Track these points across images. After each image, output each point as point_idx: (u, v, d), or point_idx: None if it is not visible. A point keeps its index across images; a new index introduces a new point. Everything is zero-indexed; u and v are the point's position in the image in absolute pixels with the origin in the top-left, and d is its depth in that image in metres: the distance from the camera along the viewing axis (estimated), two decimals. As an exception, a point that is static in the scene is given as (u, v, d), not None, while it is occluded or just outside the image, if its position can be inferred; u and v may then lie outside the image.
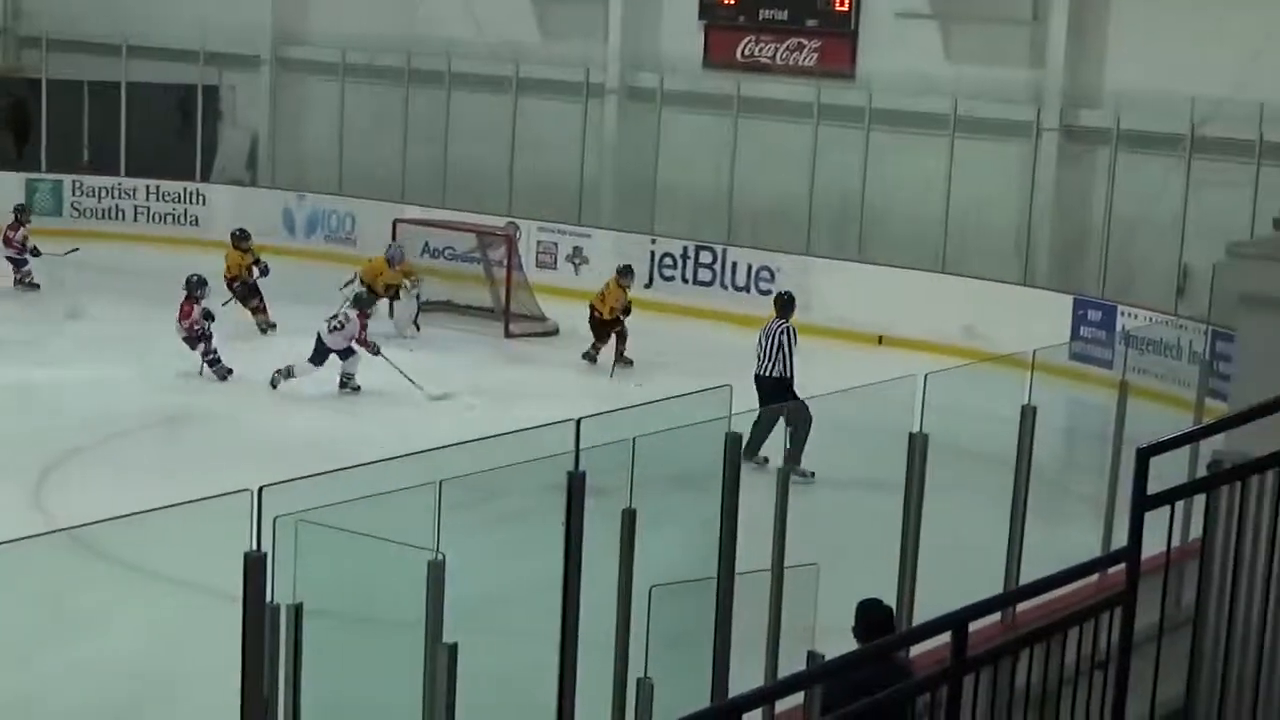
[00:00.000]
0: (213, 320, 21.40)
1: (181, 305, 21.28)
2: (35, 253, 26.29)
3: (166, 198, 30.34)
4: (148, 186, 30.32)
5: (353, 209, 29.50)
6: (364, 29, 30.16)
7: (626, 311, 22.99)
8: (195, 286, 21.48)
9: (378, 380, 21.41)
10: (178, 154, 30.32)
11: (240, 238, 24.63)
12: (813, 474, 17.04)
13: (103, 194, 30.31)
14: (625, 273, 23.49)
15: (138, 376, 20.80)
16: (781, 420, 16.79)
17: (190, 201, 30.37)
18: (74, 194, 30.32)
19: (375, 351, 20.95)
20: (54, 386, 20.23)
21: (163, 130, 30.37)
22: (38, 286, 26.20)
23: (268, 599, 7.06)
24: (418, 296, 24.34)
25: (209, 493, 7.16)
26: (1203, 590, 6.57)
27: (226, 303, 23.02)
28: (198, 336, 21.22)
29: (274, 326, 23.97)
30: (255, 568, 6.93)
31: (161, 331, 21.53)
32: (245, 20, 31.13)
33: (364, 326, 21.09)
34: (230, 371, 21.16)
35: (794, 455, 17.10)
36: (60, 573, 13.69)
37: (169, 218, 30.32)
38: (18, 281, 26.24)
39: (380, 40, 29.96)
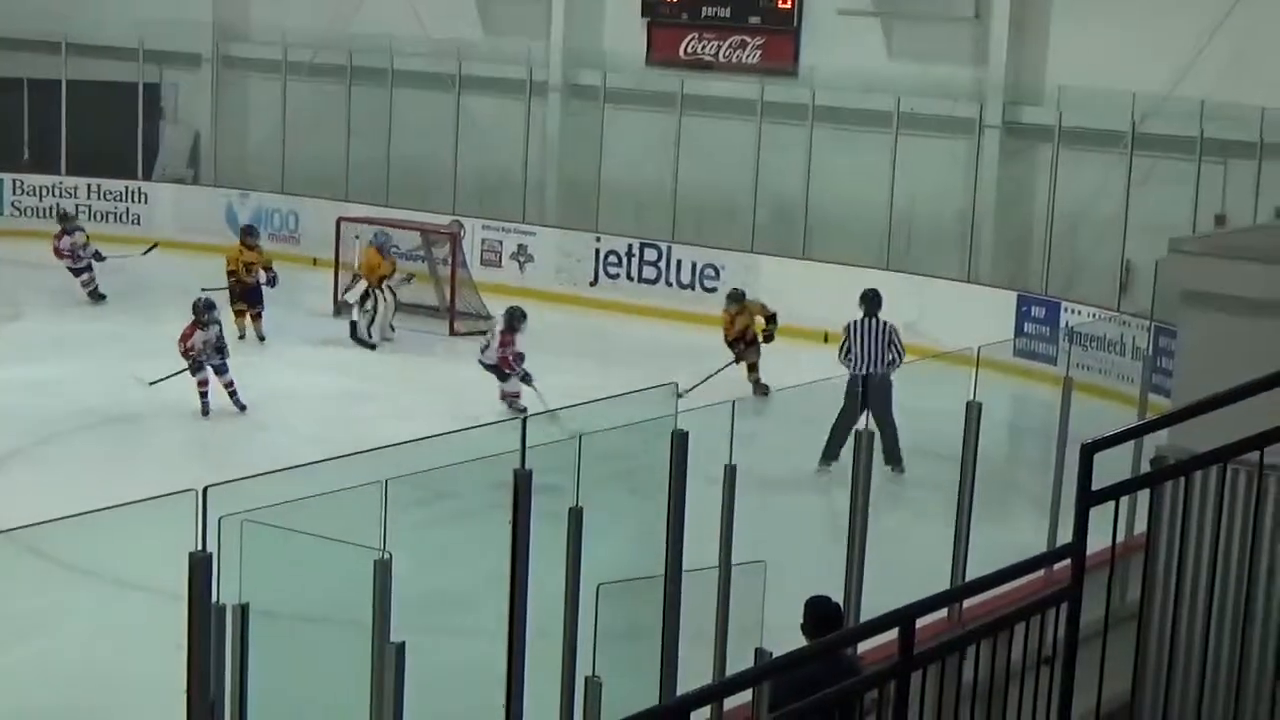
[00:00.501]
0: (225, 355, 19.67)
1: (185, 327, 19.51)
2: (98, 257, 25.10)
3: (108, 196, 30.17)
4: (89, 185, 30.14)
5: (296, 207, 29.39)
6: (306, 26, 30.04)
7: (756, 337, 21.82)
8: (200, 310, 19.63)
9: (322, 377, 21.37)
10: (119, 152, 30.13)
11: (245, 233, 24.25)
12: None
13: (44, 193, 30.12)
14: (731, 298, 22.19)
15: (78, 376, 20.65)
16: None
17: (132, 200, 30.21)
18: (14, 193, 30.12)
19: (524, 377, 19.76)
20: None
21: (104, 128, 30.14)
22: (104, 298, 25.07)
23: (213, 599, 7.03)
24: (393, 293, 24.14)
25: (153, 493, 7.13)
26: (1147, 585, 6.61)
27: (212, 289, 22.19)
28: (195, 364, 19.44)
29: (262, 339, 23.08)
30: (200, 568, 6.91)
31: (101, 331, 21.37)
32: (186, 17, 30.95)
33: (506, 344, 19.98)
34: (244, 408, 19.59)
35: (896, 454, 16.99)
36: (2, 574, 13.61)
37: (110, 216, 30.13)
38: (92, 294, 25.03)
39: (322, 37, 29.85)
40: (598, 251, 26.80)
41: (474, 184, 28.31)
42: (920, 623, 5.59)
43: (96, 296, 25.04)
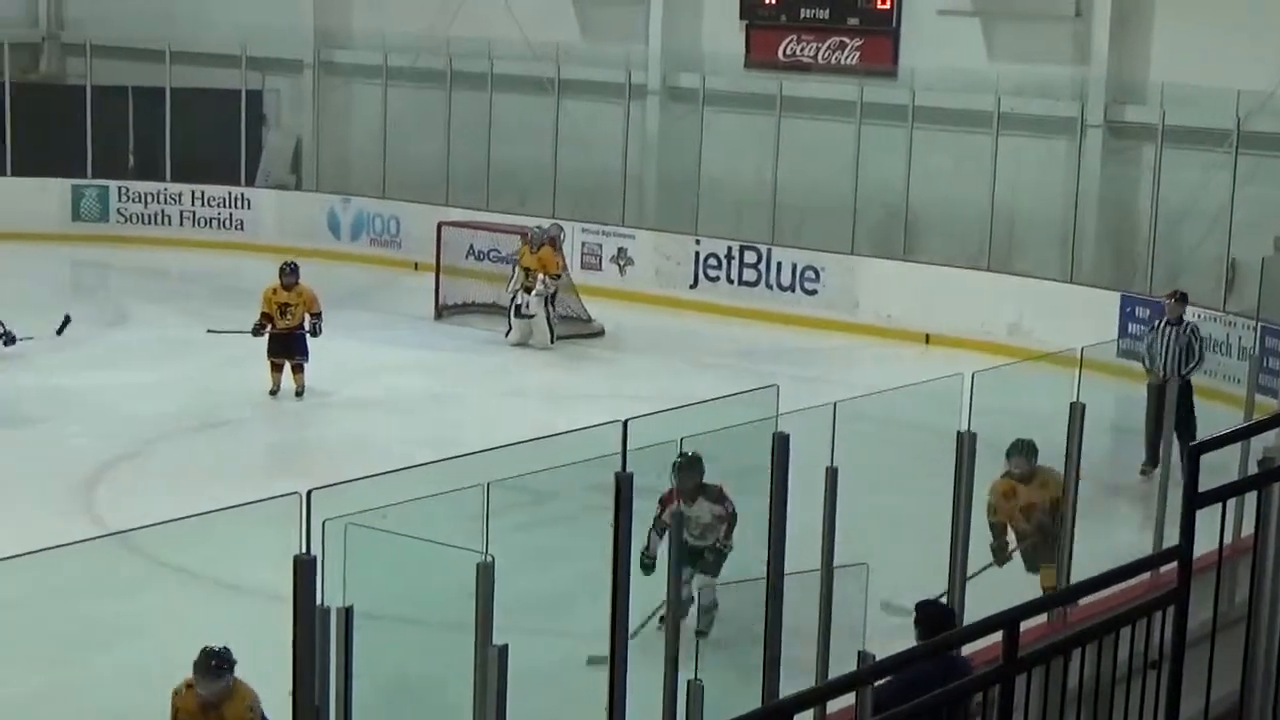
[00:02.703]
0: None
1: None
2: (9, 340, 20.03)
3: (211, 202, 30.45)
4: (193, 191, 30.41)
5: (397, 212, 29.55)
6: (405, 31, 30.19)
7: None
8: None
9: (423, 381, 21.44)
10: (222, 158, 30.39)
11: (281, 270, 20.89)
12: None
13: (148, 199, 30.42)
14: (1019, 451, 13.02)
15: (184, 380, 20.83)
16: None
17: (235, 206, 30.47)
18: (120, 200, 30.44)
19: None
20: (99, 391, 20.29)
21: (207, 135, 30.42)
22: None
23: (318, 602, 7.07)
24: (547, 301, 23.93)
25: (257, 496, 7.18)
26: (1256, 587, 6.53)
27: (221, 331, 21.26)
28: None
29: (300, 394, 20.37)
30: (305, 571, 6.94)
31: (202, 336, 21.47)
32: (287, 24, 31.20)
33: None
34: None
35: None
36: (110, 576, 13.76)
37: (214, 222, 30.43)
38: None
39: (422, 42, 29.99)
40: (697, 254, 26.78)
41: (573, 187, 28.35)
42: (1025, 626, 5.56)
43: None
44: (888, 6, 26.33)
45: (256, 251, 28.61)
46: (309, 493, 6.74)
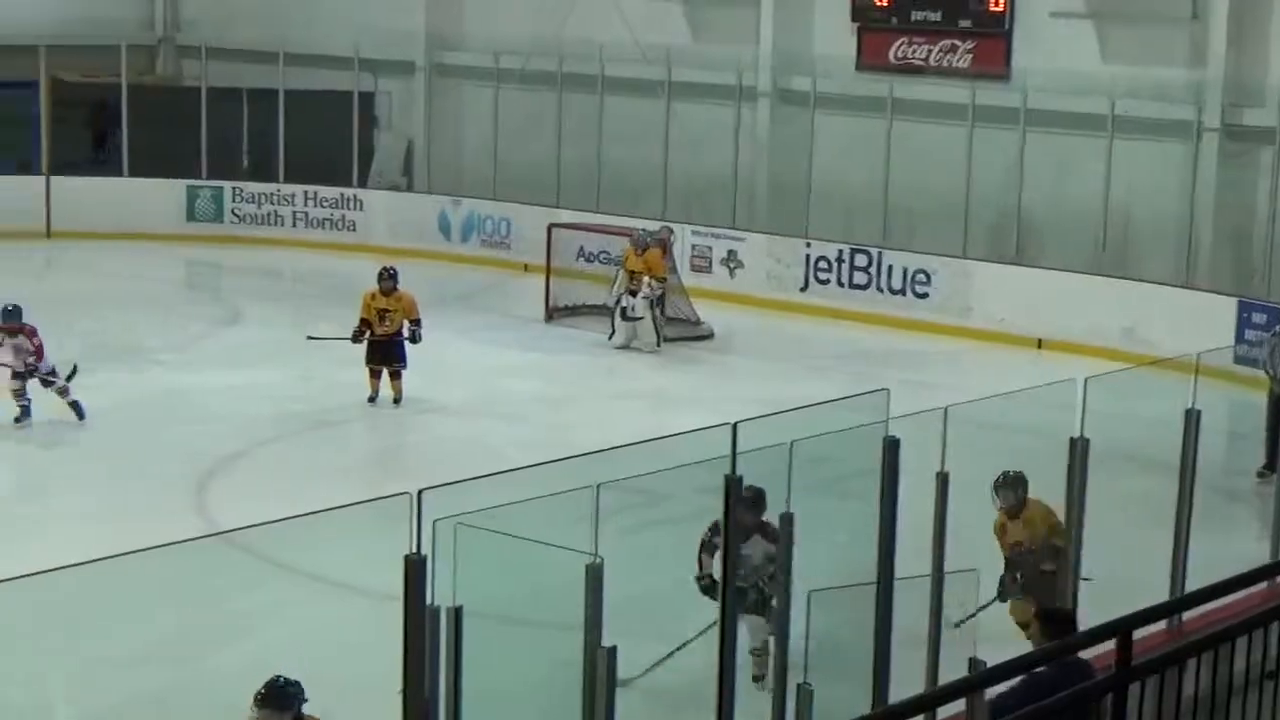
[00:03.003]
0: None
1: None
2: (43, 378, 18.71)
3: (324, 203, 30.66)
4: (305, 192, 30.63)
5: (508, 213, 29.64)
6: (517, 34, 30.30)
7: None
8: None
9: (532, 383, 21.49)
10: (335, 160, 30.60)
11: (380, 275, 20.56)
12: None
13: (262, 200, 30.68)
14: (1006, 485, 13.02)
15: (294, 381, 20.96)
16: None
17: (348, 207, 30.68)
18: (234, 200, 30.71)
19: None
20: (211, 391, 20.44)
21: (320, 136, 30.63)
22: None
23: (428, 601, 7.09)
24: (652, 304, 23.87)
25: (368, 496, 7.21)
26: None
27: (321, 338, 21.03)
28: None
29: (398, 402, 20.09)
30: (415, 570, 6.97)
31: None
32: (400, 27, 31.40)
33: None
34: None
35: None
36: (220, 575, 13.87)
37: (326, 223, 30.65)
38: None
39: (533, 45, 30.08)
40: (808, 257, 26.70)
41: (684, 189, 28.36)
42: (1138, 635, 5.49)
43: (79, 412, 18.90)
44: (1000, 8, 26.14)
45: (368, 252, 28.78)
46: (419, 493, 6.77)
